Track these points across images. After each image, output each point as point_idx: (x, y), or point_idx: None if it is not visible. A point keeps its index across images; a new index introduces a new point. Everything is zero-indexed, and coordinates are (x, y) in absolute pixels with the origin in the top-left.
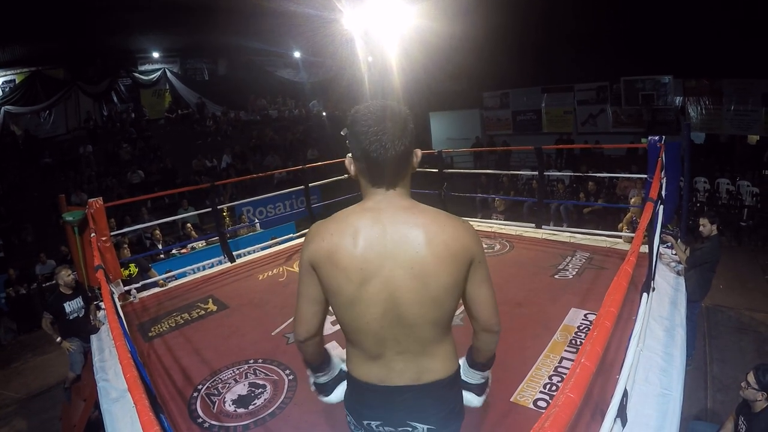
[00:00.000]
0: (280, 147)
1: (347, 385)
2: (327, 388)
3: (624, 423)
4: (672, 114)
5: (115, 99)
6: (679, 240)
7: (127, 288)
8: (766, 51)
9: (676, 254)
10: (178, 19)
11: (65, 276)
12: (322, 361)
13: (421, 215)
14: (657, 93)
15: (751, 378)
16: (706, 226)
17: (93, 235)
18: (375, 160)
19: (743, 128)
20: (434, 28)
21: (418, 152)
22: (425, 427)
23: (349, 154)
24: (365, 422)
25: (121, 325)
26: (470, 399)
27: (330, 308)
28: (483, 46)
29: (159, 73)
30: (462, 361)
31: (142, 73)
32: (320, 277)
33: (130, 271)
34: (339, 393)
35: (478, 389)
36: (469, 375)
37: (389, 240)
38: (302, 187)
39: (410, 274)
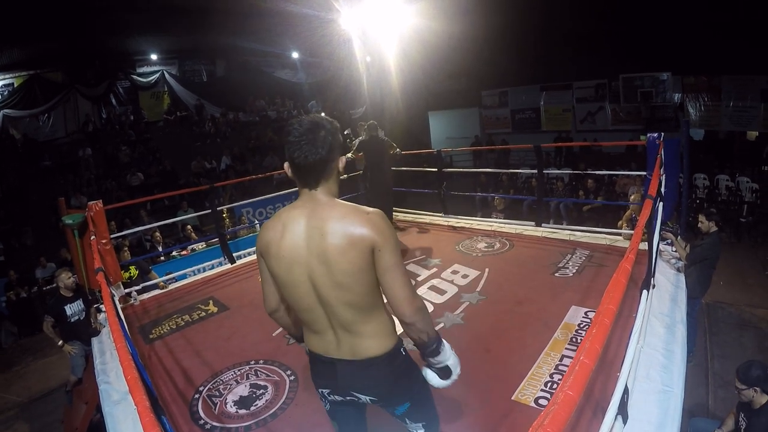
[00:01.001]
0: (279, 148)
1: None
2: None
3: (625, 420)
4: (671, 111)
5: (113, 101)
6: (679, 237)
7: (127, 290)
8: (764, 47)
9: (676, 251)
10: (175, 20)
11: (66, 279)
12: (302, 330)
13: (333, 210)
14: (656, 90)
15: (737, 383)
16: (704, 223)
17: (93, 237)
18: (298, 166)
19: (742, 124)
20: (432, 27)
21: (343, 159)
22: (367, 398)
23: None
24: (320, 390)
25: (121, 328)
26: (430, 378)
27: None
28: (481, 45)
29: (157, 75)
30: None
31: (140, 75)
32: (266, 263)
33: (130, 273)
34: None
35: (440, 373)
36: (425, 360)
37: (306, 232)
38: None
39: (319, 261)
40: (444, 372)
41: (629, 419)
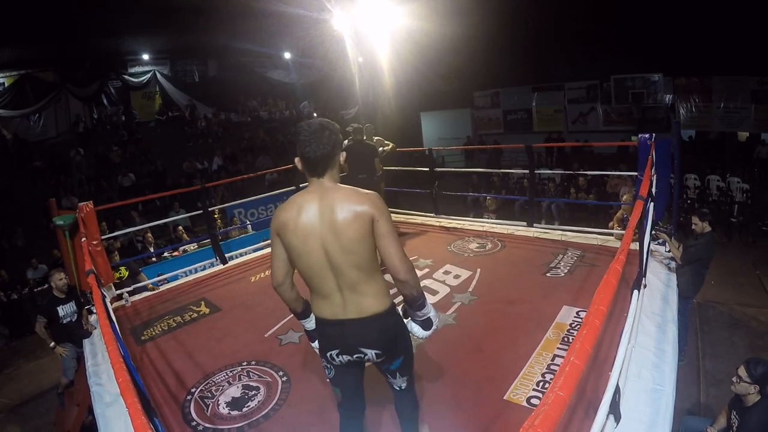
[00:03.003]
0: (271, 148)
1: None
2: (313, 335)
3: (617, 419)
4: (662, 112)
5: (105, 101)
6: (672, 237)
7: (118, 292)
8: (755, 48)
9: (669, 251)
10: (167, 20)
11: (58, 280)
12: (301, 307)
13: (339, 192)
14: (647, 91)
15: (742, 371)
16: (698, 224)
17: (84, 239)
18: (308, 159)
19: (733, 125)
20: (425, 28)
21: (343, 154)
22: (373, 351)
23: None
24: (328, 354)
25: (113, 329)
26: (416, 331)
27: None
28: (474, 46)
29: (149, 75)
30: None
31: (131, 75)
32: (281, 240)
33: (120, 274)
34: None
35: (423, 324)
36: (411, 313)
37: (319, 210)
38: (293, 187)
39: (330, 232)
40: (426, 324)
41: (621, 418)
